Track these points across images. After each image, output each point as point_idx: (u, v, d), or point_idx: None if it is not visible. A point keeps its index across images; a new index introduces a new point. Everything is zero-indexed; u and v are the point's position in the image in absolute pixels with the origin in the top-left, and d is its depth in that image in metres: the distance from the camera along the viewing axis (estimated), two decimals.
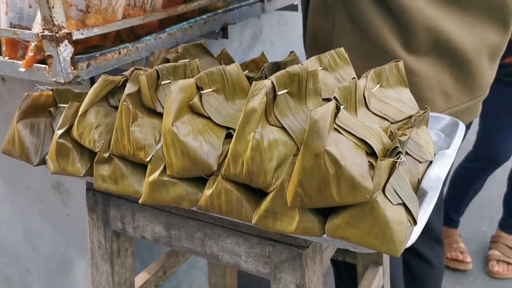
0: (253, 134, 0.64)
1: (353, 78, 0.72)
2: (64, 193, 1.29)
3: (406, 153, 0.75)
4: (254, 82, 0.66)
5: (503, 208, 2.17)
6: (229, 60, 1.04)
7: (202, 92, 0.72)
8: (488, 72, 1.09)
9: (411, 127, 0.75)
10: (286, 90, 0.68)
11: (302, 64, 0.81)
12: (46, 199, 1.33)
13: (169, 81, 0.77)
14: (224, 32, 1.29)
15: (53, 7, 0.86)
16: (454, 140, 0.88)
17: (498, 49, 1.09)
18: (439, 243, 1.40)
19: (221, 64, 1.01)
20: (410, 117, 0.81)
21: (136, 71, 0.76)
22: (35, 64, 0.92)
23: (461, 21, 1.02)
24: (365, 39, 1.01)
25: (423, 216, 0.67)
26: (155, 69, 0.75)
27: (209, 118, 0.72)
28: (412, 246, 1.33)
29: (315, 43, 1.11)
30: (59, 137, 0.78)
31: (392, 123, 0.78)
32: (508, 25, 1.06)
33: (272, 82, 0.66)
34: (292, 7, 1.60)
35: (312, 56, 0.86)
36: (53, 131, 0.84)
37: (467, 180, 2.13)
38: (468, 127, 1.22)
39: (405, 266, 1.39)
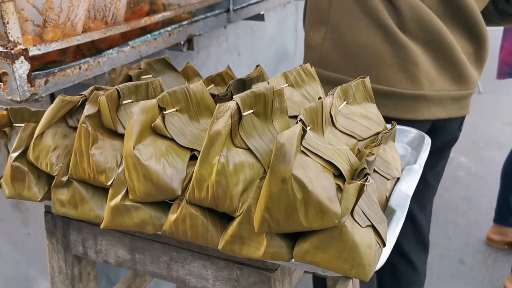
0: (218, 157, 0.62)
1: (319, 98, 0.71)
2: (24, 212, 1.24)
3: (374, 170, 0.75)
4: (218, 104, 0.64)
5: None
6: (194, 74, 1.02)
7: (165, 112, 0.69)
8: (470, 69, 1.15)
9: (378, 145, 0.74)
10: (251, 111, 0.66)
11: (268, 81, 0.79)
12: (6, 217, 1.28)
13: (130, 100, 0.74)
14: (189, 44, 1.27)
15: (7, 22, 0.82)
16: (420, 155, 0.88)
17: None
18: (426, 248, 1.40)
19: (186, 79, 0.99)
20: (378, 133, 0.81)
21: (95, 91, 0.73)
22: None
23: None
24: (363, 13, 1.10)
25: (392, 236, 0.66)
26: (116, 88, 0.72)
27: (172, 140, 0.69)
28: (402, 250, 1.33)
29: (313, 15, 1.21)
30: (14, 160, 0.75)
31: (359, 140, 0.78)
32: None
33: (237, 103, 0.64)
34: (258, 17, 1.59)
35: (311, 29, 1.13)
36: (8, 153, 0.80)
37: None
38: (459, 128, 1.24)
39: (390, 269, 1.38)
